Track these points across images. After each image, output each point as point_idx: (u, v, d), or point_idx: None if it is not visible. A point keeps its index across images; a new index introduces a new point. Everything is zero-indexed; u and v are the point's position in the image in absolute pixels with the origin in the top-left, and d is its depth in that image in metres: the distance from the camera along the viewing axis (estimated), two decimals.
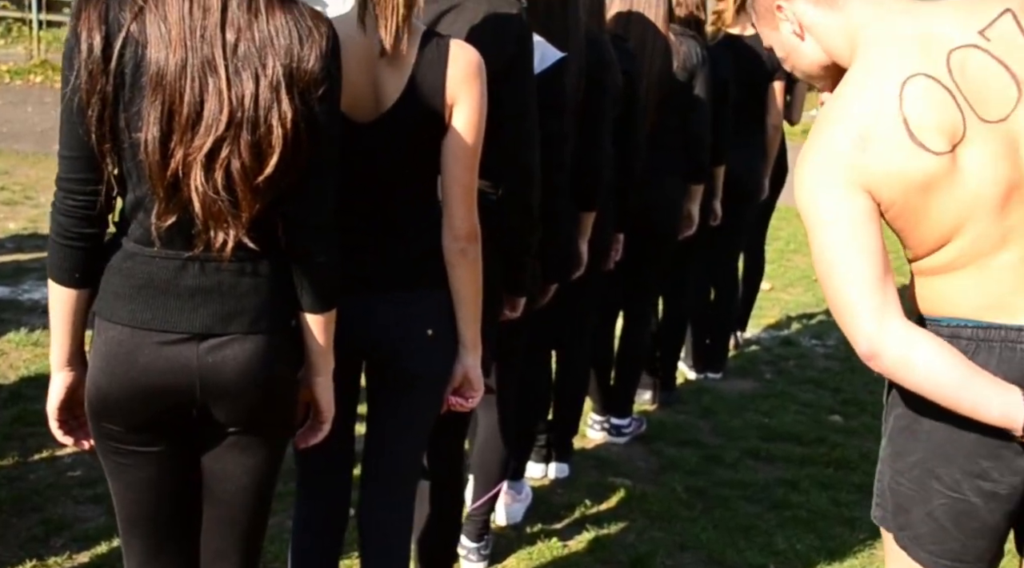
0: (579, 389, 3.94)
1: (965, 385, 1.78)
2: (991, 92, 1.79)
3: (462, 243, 2.22)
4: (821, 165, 1.83)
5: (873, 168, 1.79)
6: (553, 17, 3.15)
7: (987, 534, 1.88)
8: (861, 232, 1.80)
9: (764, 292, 6.78)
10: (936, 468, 1.88)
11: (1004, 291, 1.83)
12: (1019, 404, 1.75)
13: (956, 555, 1.91)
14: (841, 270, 1.81)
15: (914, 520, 1.93)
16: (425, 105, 2.12)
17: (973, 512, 1.87)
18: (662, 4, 3.96)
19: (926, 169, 1.77)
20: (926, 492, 1.90)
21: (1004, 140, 1.78)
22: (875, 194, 1.80)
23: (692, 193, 4.22)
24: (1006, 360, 1.82)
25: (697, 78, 4.03)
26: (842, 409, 4.82)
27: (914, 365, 1.79)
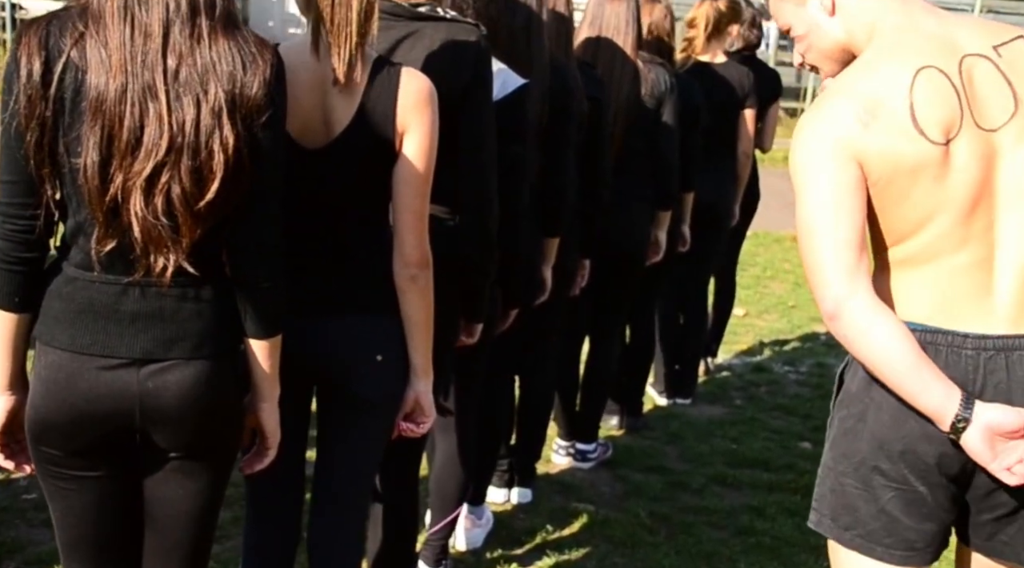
0: (542, 414, 3.94)
1: (913, 370, 1.86)
2: (991, 102, 1.91)
3: (412, 269, 2.22)
4: (821, 132, 1.92)
5: (871, 143, 1.88)
6: (516, 44, 3.17)
7: (935, 518, 1.98)
8: (846, 199, 1.88)
9: (738, 318, 6.79)
10: (880, 464, 1.95)
11: (955, 295, 1.92)
12: (955, 403, 1.84)
13: (910, 544, 1.99)
14: (821, 231, 1.89)
15: (863, 517, 1.99)
16: (375, 132, 2.13)
17: (921, 500, 1.96)
18: (631, 31, 3.98)
19: (920, 155, 1.87)
20: (872, 489, 1.97)
21: (989, 149, 1.89)
22: (866, 168, 1.89)
23: (659, 219, 4.23)
24: (951, 365, 1.90)
25: (665, 105, 4.04)
26: (812, 436, 4.82)
27: (872, 338, 1.87)
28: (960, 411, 1.84)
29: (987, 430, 1.84)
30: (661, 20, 4.40)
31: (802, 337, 6.51)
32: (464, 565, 3.46)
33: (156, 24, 1.81)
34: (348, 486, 2.34)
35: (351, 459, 2.32)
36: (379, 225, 2.22)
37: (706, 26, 4.79)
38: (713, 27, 4.80)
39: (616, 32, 3.97)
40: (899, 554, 2.00)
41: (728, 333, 6.38)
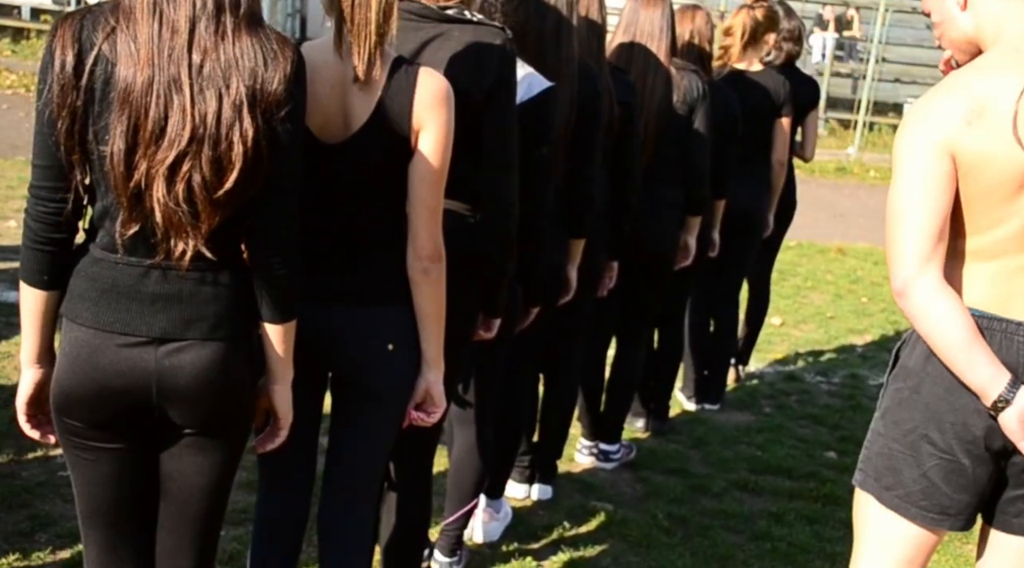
0: (565, 412, 4.00)
1: (967, 347, 2.08)
2: None
3: (425, 263, 2.30)
4: (926, 123, 2.09)
5: (970, 142, 2.05)
6: (545, 48, 3.24)
7: (971, 489, 2.18)
8: (935, 190, 2.08)
9: (775, 327, 6.82)
10: (931, 433, 2.16)
11: (1014, 290, 2.12)
12: (1002, 384, 2.05)
13: (943, 508, 2.19)
14: (906, 216, 2.09)
15: (905, 480, 2.19)
16: (392, 129, 2.21)
17: (962, 471, 2.16)
18: (664, 37, 4.03)
19: (1011, 162, 2.04)
20: (919, 456, 2.17)
21: None
22: (959, 163, 2.07)
23: (689, 224, 4.28)
24: (1004, 349, 2.10)
25: (697, 112, 4.09)
26: (838, 446, 4.84)
27: (931, 314, 2.08)
28: (1004, 392, 2.05)
29: (1021, 413, 2.04)
30: (703, 27, 4.45)
31: (838, 348, 6.51)
32: (480, 557, 3.53)
33: (183, 20, 1.91)
34: (358, 471, 2.42)
35: (362, 445, 2.40)
36: (394, 219, 2.30)
37: (742, 34, 4.83)
38: (750, 35, 4.83)
39: (650, 38, 4.03)
40: (932, 516, 2.20)
41: (763, 342, 6.42)
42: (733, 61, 4.88)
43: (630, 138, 3.77)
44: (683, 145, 4.12)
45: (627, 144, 3.77)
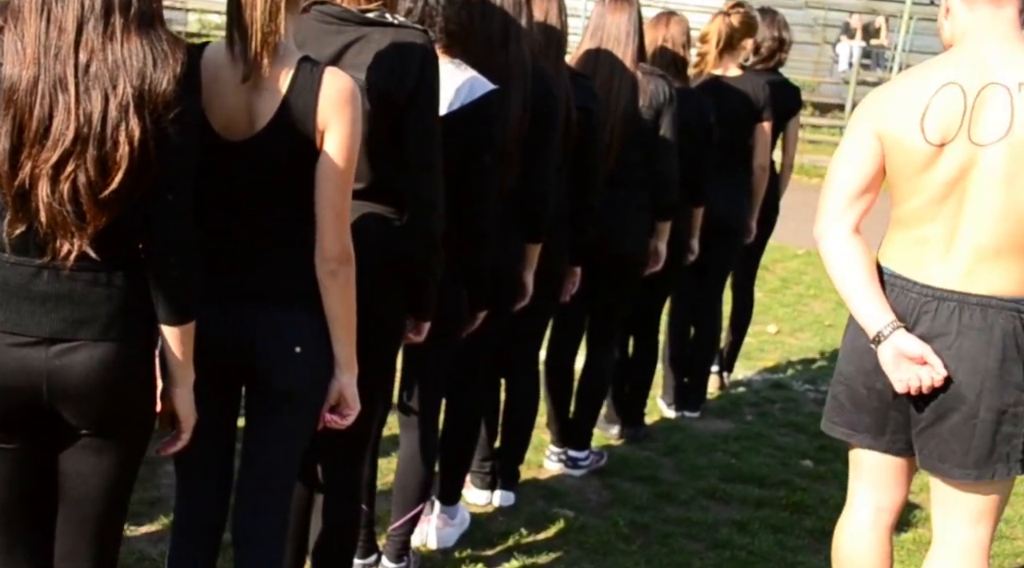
0: (526, 417, 3.97)
1: (860, 290, 2.55)
2: (990, 124, 2.44)
3: (332, 264, 2.29)
4: (867, 108, 2.60)
5: (890, 127, 2.52)
6: (492, 51, 3.24)
7: (871, 414, 2.67)
8: (859, 162, 2.57)
9: (770, 335, 6.77)
10: (843, 366, 2.71)
11: (920, 254, 2.55)
12: (883, 323, 2.50)
13: (851, 425, 2.72)
14: (833, 179, 2.62)
15: (831, 405, 2.77)
16: (296, 128, 2.20)
17: (860, 397, 2.67)
18: (631, 42, 4.01)
19: (916, 148, 2.48)
20: (837, 384, 2.74)
21: (971, 158, 2.45)
22: (883, 144, 2.53)
23: (658, 229, 4.24)
24: (899, 301, 2.56)
25: (664, 117, 4.06)
26: (816, 454, 4.77)
27: (837, 259, 2.59)
28: (883, 329, 2.51)
29: (896, 349, 2.50)
30: (677, 34, 4.42)
31: (832, 356, 6.43)
32: (432, 563, 3.52)
33: (71, 20, 1.92)
34: (269, 475, 2.41)
35: (273, 448, 2.39)
36: (299, 219, 2.29)
37: (718, 41, 4.79)
38: (726, 42, 4.79)
39: (616, 43, 4.01)
40: (842, 430, 2.75)
41: (755, 349, 6.38)
42: (709, 67, 4.84)
43: (591, 143, 3.75)
44: (649, 150, 4.09)
45: (588, 148, 3.75)
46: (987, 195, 2.47)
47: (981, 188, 2.47)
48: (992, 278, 2.50)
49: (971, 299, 2.50)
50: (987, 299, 2.50)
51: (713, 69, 4.85)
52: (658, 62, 4.38)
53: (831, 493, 4.30)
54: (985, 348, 2.49)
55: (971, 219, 2.49)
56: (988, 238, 2.49)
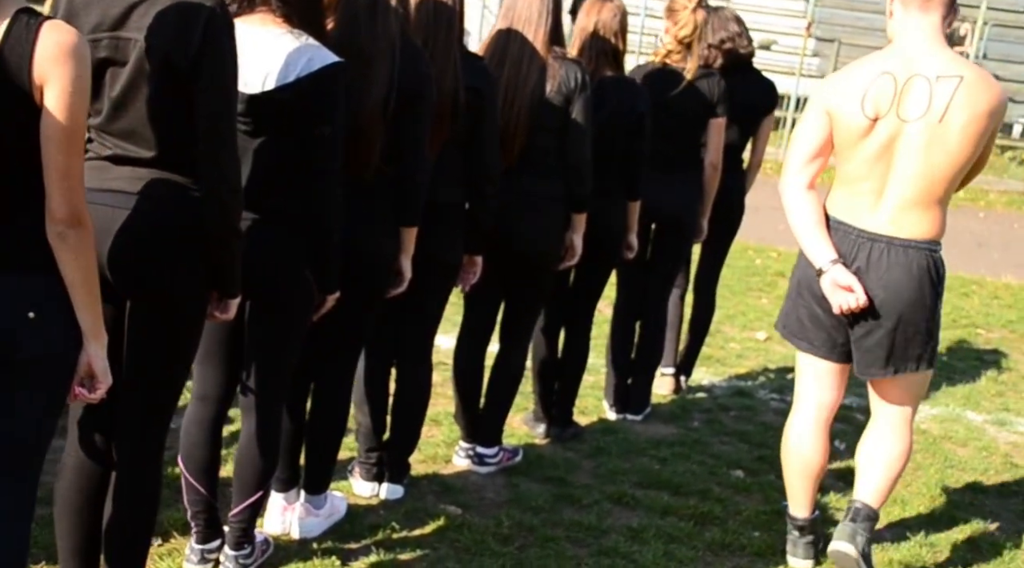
0: (415, 409, 3.85)
1: (810, 231, 3.37)
2: (912, 104, 3.21)
3: (60, 227, 2.20)
4: (823, 89, 3.39)
5: (837, 105, 3.29)
6: (358, 25, 3.14)
7: (824, 330, 3.46)
8: (814, 132, 3.36)
9: (758, 342, 6.53)
10: (802, 290, 3.47)
11: (858, 205, 3.34)
12: (825, 259, 3.32)
13: (809, 340, 3.50)
14: (795, 143, 3.42)
15: (789, 319, 3.57)
16: (9, 84, 2.11)
17: (816, 316, 3.45)
18: (543, 24, 3.86)
19: (856, 120, 3.26)
20: (795, 303, 3.52)
21: (898, 129, 3.23)
22: (831, 118, 3.31)
23: (573, 222, 4.07)
24: (842, 241, 3.35)
25: (575, 103, 3.88)
26: (751, 464, 4.54)
27: (792, 206, 3.40)
28: (823, 265, 3.32)
29: (832, 280, 3.31)
30: (609, 20, 4.24)
31: None
32: (286, 552, 3.40)
33: None
34: (11, 452, 2.31)
35: (7, 422, 2.29)
36: (22, 181, 2.19)
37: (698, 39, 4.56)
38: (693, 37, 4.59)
39: (527, 24, 3.87)
40: (803, 344, 3.53)
41: (734, 355, 6.17)
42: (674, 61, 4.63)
43: (483, 126, 3.62)
44: (560, 137, 3.93)
45: (480, 132, 3.62)
46: (909, 159, 3.23)
47: (904, 154, 3.23)
48: (911, 225, 3.28)
49: (896, 242, 3.28)
50: (907, 241, 3.28)
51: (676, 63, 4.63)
52: (589, 49, 4.22)
53: (748, 505, 4.10)
54: (906, 280, 3.29)
55: (896, 178, 3.26)
56: (909, 193, 3.26)
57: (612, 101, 4.20)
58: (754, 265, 8.70)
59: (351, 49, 3.13)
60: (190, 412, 3.16)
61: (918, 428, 5.23)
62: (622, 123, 4.22)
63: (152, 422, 2.70)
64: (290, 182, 2.96)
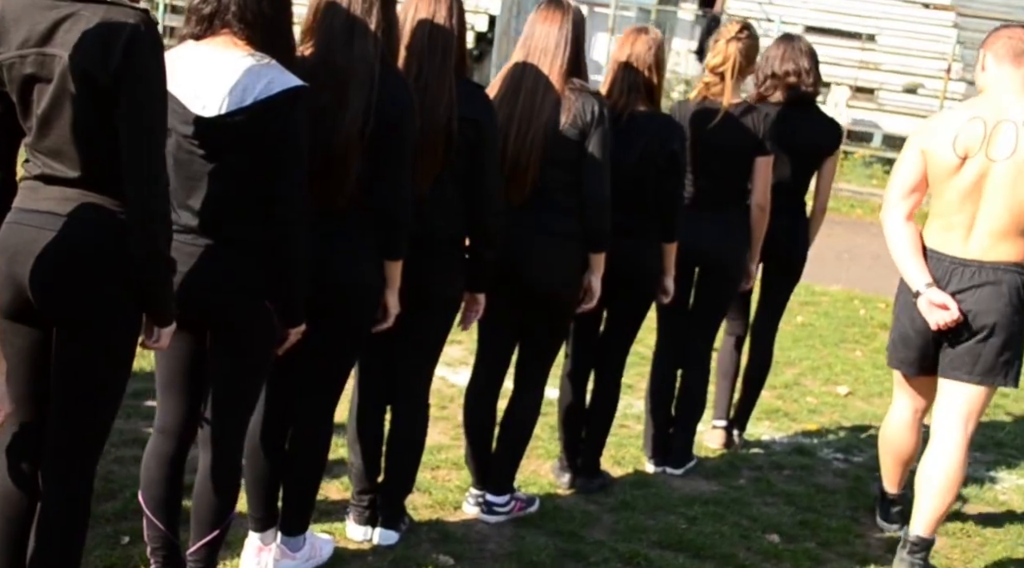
0: (408, 450, 3.67)
1: (908, 258, 3.78)
2: (1001, 145, 3.63)
3: None
4: (920, 132, 3.85)
5: (931, 146, 3.73)
6: (335, 47, 3.06)
7: (915, 350, 3.90)
8: (911, 169, 3.79)
9: (839, 397, 6.15)
10: (899, 313, 3.94)
11: (950, 237, 3.75)
12: (922, 283, 3.73)
13: (900, 359, 4.00)
14: (895, 179, 3.84)
15: (893, 344, 4.02)
16: None
17: (907, 337, 3.91)
18: (560, 55, 3.69)
19: (948, 159, 3.69)
20: (894, 328, 3.98)
21: (987, 168, 3.65)
22: (926, 157, 3.74)
23: (592, 262, 3.85)
24: (936, 267, 3.76)
25: (591, 137, 3.68)
26: (791, 530, 4.21)
27: (893, 236, 3.82)
28: (920, 287, 3.73)
29: (928, 299, 3.72)
30: (643, 52, 4.04)
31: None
32: None
33: None
34: None
35: None
36: None
37: (733, 69, 4.34)
38: (737, 71, 4.35)
39: (543, 55, 3.70)
40: (894, 362, 4.03)
41: (807, 410, 5.82)
42: (714, 94, 4.40)
43: (483, 157, 3.46)
44: (576, 172, 3.73)
45: (479, 164, 3.46)
46: (996, 195, 3.65)
47: (993, 189, 3.65)
48: (1000, 251, 3.70)
49: (986, 265, 3.71)
50: (997, 264, 3.71)
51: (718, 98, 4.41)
52: (622, 81, 4.03)
53: None
54: (996, 295, 3.70)
55: (985, 211, 3.68)
56: (997, 225, 3.67)
57: (644, 137, 3.99)
58: (857, 315, 8.25)
59: (326, 73, 3.03)
60: (150, 446, 3.07)
61: (996, 499, 4.81)
62: (654, 160, 4.00)
63: (77, 454, 2.61)
64: (249, 208, 2.86)
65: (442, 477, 4.30)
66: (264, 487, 3.33)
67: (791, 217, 4.75)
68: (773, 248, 4.67)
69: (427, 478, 4.24)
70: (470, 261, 3.58)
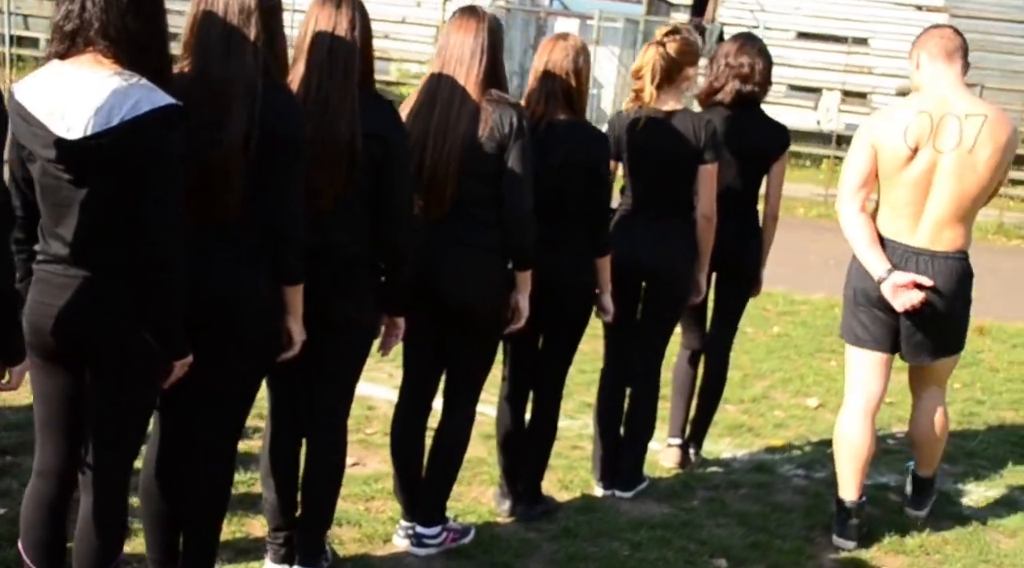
0: (324, 482, 3.48)
1: (867, 248, 3.99)
2: (945, 138, 3.87)
3: None
4: (869, 124, 4.06)
5: (882, 138, 3.94)
6: (210, 66, 2.90)
7: (883, 327, 4.08)
8: (862, 163, 3.99)
9: (807, 409, 5.97)
10: (858, 297, 4.10)
11: (902, 225, 3.98)
12: (883, 269, 3.94)
13: (874, 338, 4.11)
14: (847, 173, 4.04)
15: (851, 326, 4.17)
16: None
17: (876, 317, 4.07)
18: (476, 65, 3.54)
19: (899, 150, 3.90)
20: (854, 311, 4.14)
21: (935, 159, 3.89)
22: (876, 149, 3.95)
23: (518, 281, 3.68)
24: (893, 254, 3.98)
25: (511, 149, 3.52)
26: (739, 553, 4.03)
27: (851, 227, 4.02)
28: (882, 273, 3.94)
29: (893, 284, 3.93)
30: (561, 59, 3.88)
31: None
32: None
33: None
34: None
35: None
36: None
37: (653, 76, 4.19)
38: (663, 76, 4.19)
39: (459, 65, 3.55)
40: (869, 343, 4.13)
41: (773, 425, 5.66)
42: (652, 103, 4.23)
43: (392, 175, 3.30)
44: (495, 185, 3.57)
45: (389, 182, 3.30)
46: (943, 185, 3.90)
47: (940, 180, 3.90)
48: (945, 240, 3.96)
49: (938, 255, 3.96)
50: (946, 253, 3.97)
51: (656, 104, 4.25)
52: (540, 90, 3.87)
53: None
54: (949, 284, 3.97)
55: (933, 200, 3.93)
56: (943, 213, 3.93)
57: (565, 146, 3.83)
58: (836, 324, 8.01)
59: (204, 88, 2.89)
60: (29, 489, 2.91)
61: (961, 513, 4.62)
62: (577, 170, 3.84)
63: None
64: (118, 232, 2.70)
65: (376, 508, 4.13)
66: (162, 529, 3.18)
67: (739, 223, 4.58)
68: (722, 256, 4.49)
69: (360, 509, 4.08)
70: (384, 283, 3.41)
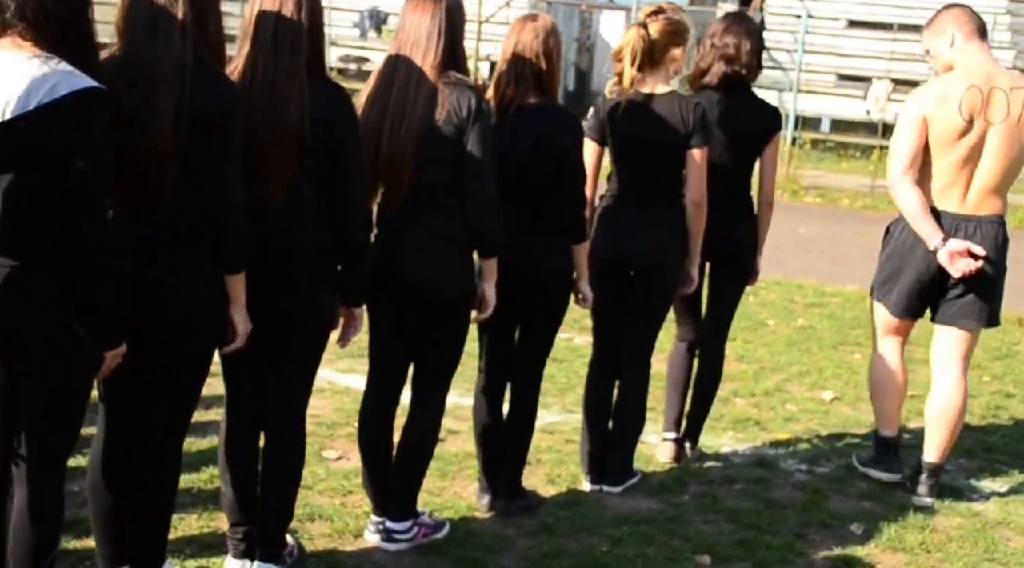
0: (283, 475, 3.40)
1: (921, 218, 4.19)
2: (995, 110, 4.13)
3: None
4: (918, 99, 4.27)
5: (936, 111, 4.15)
6: (136, 48, 2.84)
7: (918, 299, 4.34)
8: (914, 136, 4.19)
9: (822, 402, 5.78)
10: (903, 266, 4.32)
11: (952, 194, 4.22)
12: (938, 238, 4.15)
13: (904, 307, 4.37)
14: (898, 147, 4.23)
15: (888, 290, 4.40)
16: None
17: (913, 288, 4.31)
18: (434, 46, 3.44)
19: (954, 122, 4.13)
20: (896, 276, 4.35)
21: (986, 130, 4.15)
22: (928, 122, 4.16)
23: (484, 269, 3.59)
24: (944, 224, 4.20)
25: (469, 133, 3.42)
26: (724, 550, 3.88)
27: (905, 199, 4.21)
28: (936, 244, 4.15)
29: (948, 251, 4.14)
30: (530, 40, 3.76)
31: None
32: None
33: None
34: None
35: None
36: None
37: (633, 58, 4.06)
38: (643, 57, 4.06)
39: (415, 47, 3.46)
40: (899, 311, 4.39)
41: (783, 418, 5.49)
42: (633, 86, 4.10)
43: (345, 161, 3.22)
44: (455, 170, 3.47)
45: (343, 169, 3.22)
46: (992, 155, 4.16)
47: (989, 150, 4.15)
48: (988, 205, 4.22)
49: (984, 219, 4.21)
50: (988, 217, 4.22)
51: (641, 87, 4.12)
52: (508, 72, 3.77)
53: None
54: (993, 244, 4.21)
55: (982, 170, 4.18)
56: (990, 182, 4.19)
57: (535, 130, 3.72)
58: (864, 316, 7.78)
59: (131, 71, 2.83)
60: None
61: (969, 509, 4.43)
62: (547, 154, 3.73)
63: None
64: (46, 223, 2.64)
65: (352, 503, 4.04)
66: (109, 523, 3.13)
67: (730, 208, 4.42)
68: (713, 243, 4.34)
69: (335, 504, 4.01)
70: (340, 273, 3.33)
